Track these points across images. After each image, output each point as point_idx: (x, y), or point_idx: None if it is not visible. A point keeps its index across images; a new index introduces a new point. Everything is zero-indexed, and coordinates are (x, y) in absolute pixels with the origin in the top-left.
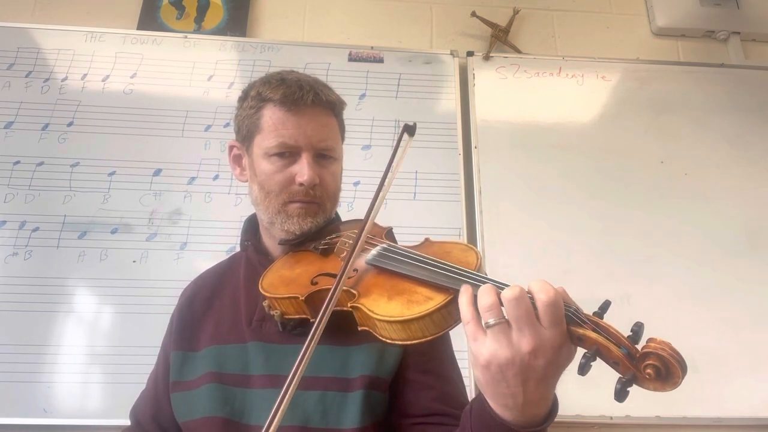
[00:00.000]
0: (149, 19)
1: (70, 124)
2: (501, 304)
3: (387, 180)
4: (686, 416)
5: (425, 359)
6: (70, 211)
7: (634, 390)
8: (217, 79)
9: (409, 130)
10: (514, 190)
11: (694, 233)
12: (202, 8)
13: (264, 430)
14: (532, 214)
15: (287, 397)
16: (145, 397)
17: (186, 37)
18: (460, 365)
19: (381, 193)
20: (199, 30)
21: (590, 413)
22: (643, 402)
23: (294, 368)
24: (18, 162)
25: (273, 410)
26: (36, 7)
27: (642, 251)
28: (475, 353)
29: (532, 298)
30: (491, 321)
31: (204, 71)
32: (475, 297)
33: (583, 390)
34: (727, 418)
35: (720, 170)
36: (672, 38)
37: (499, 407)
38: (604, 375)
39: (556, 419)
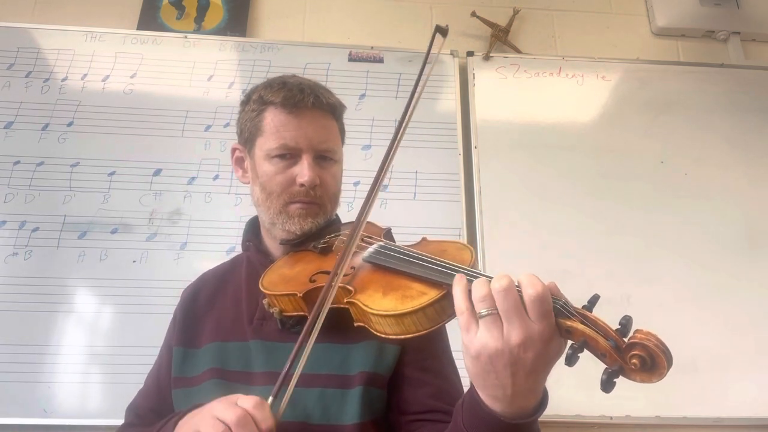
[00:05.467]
0: (149, 19)
1: (70, 124)
2: None
3: (416, 95)
4: (686, 416)
5: (423, 357)
6: (70, 211)
7: (635, 390)
8: (217, 79)
9: (442, 30)
10: (514, 190)
11: (694, 233)
12: (202, 8)
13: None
14: (532, 214)
15: (290, 387)
16: (146, 394)
17: (186, 37)
18: (457, 365)
19: (404, 126)
20: (199, 30)
21: (590, 413)
22: (643, 402)
23: (289, 361)
24: (18, 162)
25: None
26: (36, 7)
27: (642, 251)
28: (467, 344)
29: (520, 292)
30: (483, 311)
31: (204, 71)
32: (469, 290)
33: (583, 390)
34: (727, 418)
35: (720, 170)
36: (672, 38)
37: (489, 398)
38: None
39: (556, 419)
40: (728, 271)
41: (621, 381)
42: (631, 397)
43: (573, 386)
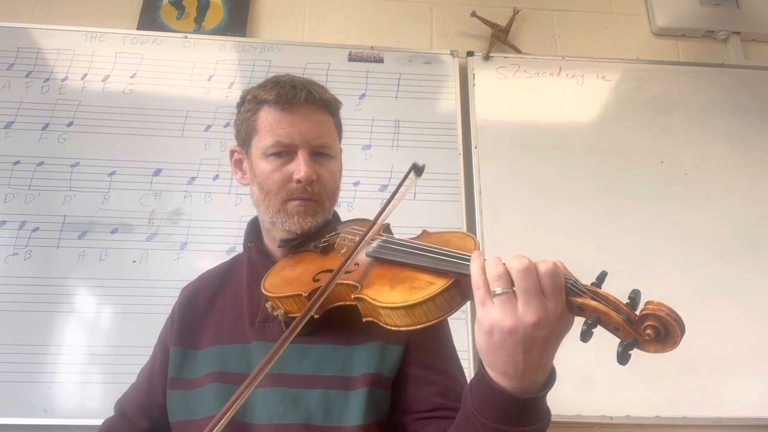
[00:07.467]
0: (149, 19)
1: (70, 124)
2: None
3: (388, 209)
4: (686, 416)
5: (427, 355)
6: (70, 211)
7: (634, 390)
8: (217, 79)
9: (417, 170)
10: (514, 189)
11: (694, 233)
12: (202, 8)
13: (216, 421)
14: (532, 214)
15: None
16: (137, 390)
17: (186, 37)
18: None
19: (382, 215)
20: (199, 30)
21: (590, 413)
22: (643, 402)
23: (274, 349)
24: (18, 162)
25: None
26: (36, 7)
27: (642, 251)
28: (481, 319)
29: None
30: (498, 290)
31: (204, 71)
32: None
33: (583, 390)
34: (727, 418)
35: (720, 170)
36: (672, 38)
37: (499, 376)
38: (605, 375)
39: (556, 419)
40: (728, 271)
41: (620, 382)
42: (631, 397)
43: (573, 386)
